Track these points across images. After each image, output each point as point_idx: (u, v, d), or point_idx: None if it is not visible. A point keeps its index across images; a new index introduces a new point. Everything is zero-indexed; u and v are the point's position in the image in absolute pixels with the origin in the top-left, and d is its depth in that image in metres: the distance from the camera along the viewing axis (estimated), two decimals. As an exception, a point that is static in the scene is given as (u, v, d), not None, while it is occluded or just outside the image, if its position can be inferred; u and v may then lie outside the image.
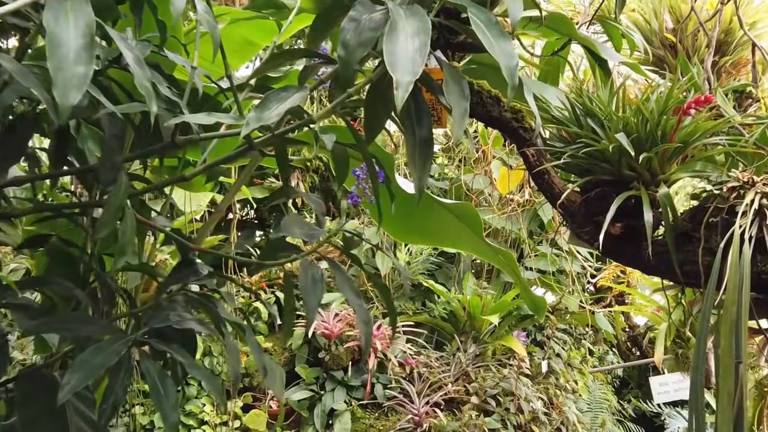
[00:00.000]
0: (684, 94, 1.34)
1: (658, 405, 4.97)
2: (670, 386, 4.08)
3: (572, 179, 1.38)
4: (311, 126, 1.21)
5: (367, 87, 1.12)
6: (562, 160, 1.28)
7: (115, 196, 0.96)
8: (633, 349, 5.73)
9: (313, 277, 1.19)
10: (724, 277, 1.08)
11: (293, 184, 4.67)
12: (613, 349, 5.69)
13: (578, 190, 1.35)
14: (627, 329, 5.53)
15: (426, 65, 1.34)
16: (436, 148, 5.83)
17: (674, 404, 4.93)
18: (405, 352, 3.82)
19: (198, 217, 4.34)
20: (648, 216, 1.20)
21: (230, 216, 3.95)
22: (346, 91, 1.12)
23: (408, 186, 1.83)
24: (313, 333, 3.70)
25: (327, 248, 4.26)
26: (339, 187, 1.31)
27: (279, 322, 3.98)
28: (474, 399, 3.54)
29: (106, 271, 1.27)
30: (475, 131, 4.14)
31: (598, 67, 1.77)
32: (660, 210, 1.26)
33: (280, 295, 4.00)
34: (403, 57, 0.89)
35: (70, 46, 0.70)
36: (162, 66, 1.27)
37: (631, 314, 5.70)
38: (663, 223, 1.24)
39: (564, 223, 1.37)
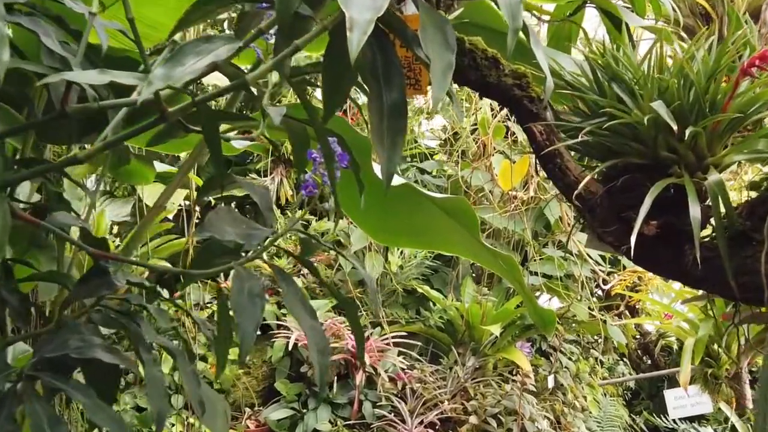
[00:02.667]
0: (736, 56, 1.06)
1: (674, 420, 4.74)
2: (687, 400, 3.91)
3: (592, 164, 1.10)
4: (255, 96, 0.96)
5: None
6: (579, 138, 1.00)
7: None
8: (644, 358, 5.51)
9: (250, 291, 0.92)
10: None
11: (276, 180, 4.41)
12: (624, 359, 5.47)
13: (599, 177, 1.07)
14: (638, 336, 5.32)
15: (400, 11, 1.05)
16: (433, 143, 5.58)
17: (691, 419, 4.70)
18: (397, 365, 3.59)
19: (171, 216, 4.08)
20: (694, 210, 0.93)
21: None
22: (292, 43, 0.85)
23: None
24: (295, 345, 3.47)
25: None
26: (299, 174, 1.05)
27: (258, 332, 3.72)
28: (473, 419, 3.31)
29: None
30: (474, 124, 3.91)
31: (618, 34, 1.50)
32: (708, 203, 0.98)
33: (260, 302, 3.73)
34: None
35: None
36: (66, 21, 1.01)
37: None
38: (712, 220, 0.97)
39: (581, 221, 1.10)
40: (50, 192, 1.23)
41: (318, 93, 4.53)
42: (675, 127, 0.92)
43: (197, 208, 5.20)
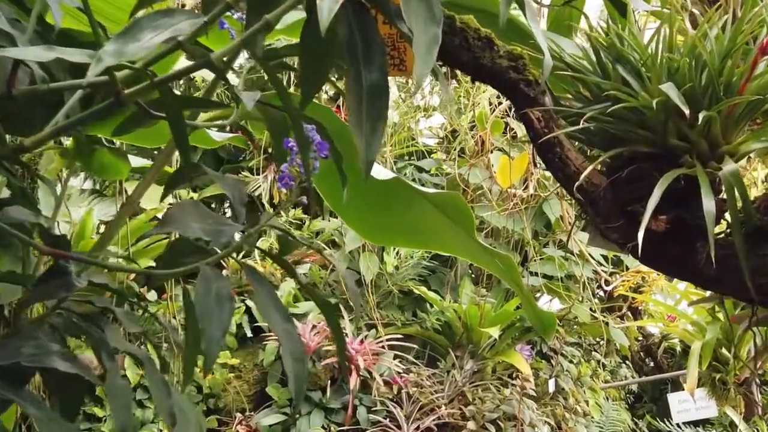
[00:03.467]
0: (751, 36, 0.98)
1: (678, 425, 4.67)
2: (691, 404, 3.85)
3: (595, 155, 1.02)
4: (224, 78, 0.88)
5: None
6: (580, 125, 0.92)
7: None
8: (647, 360, 5.44)
9: (218, 294, 0.84)
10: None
11: (270, 177, 4.32)
12: (627, 362, 5.40)
13: (603, 168, 0.99)
14: (640, 338, 5.26)
15: (383, -17, 0.97)
16: (432, 141, 5.49)
17: (695, 424, 4.63)
18: (392, 369, 3.49)
19: (161, 216, 3.99)
20: (708, 204, 0.85)
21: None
22: (262, 18, 0.78)
23: (379, 172, 1.48)
24: None
25: (306, 251, 3.90)
26: (278, 167, 0.97)
27: (250, 334, 3.65)
28: (471, 424, 3.23)
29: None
30: (473, 122, 3.83)
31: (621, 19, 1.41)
32: (723, 196, 0.90)
33: (251, 303, 3.65)
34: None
35: None
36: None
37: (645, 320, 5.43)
38: (728, 215, 0.89)
39: (582, 216, 1.02)
40: (14, 186, 1.15)
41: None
42: (687, 112, 0.83)
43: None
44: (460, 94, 4.35)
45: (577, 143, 1.03)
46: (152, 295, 3.51)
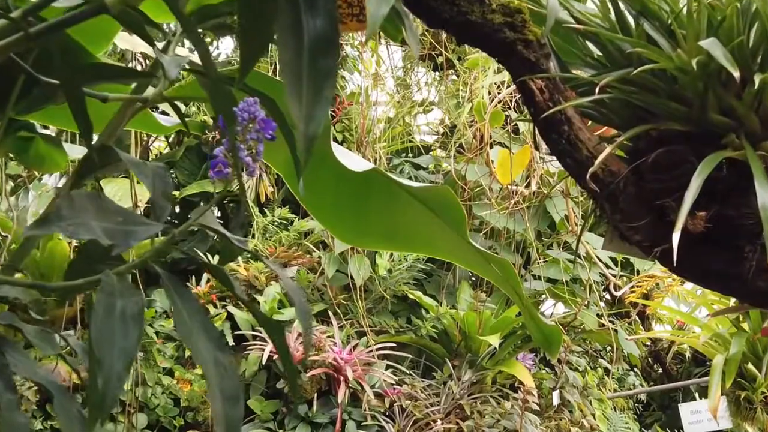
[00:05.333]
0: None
1: (689, 437, 4.52)
2: (703, 414, 3.75)
3: (612, 137, 0.83)
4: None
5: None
6: (594, 96, 0.73)
7: None
8: (655, 366, 5.39)
9: (123, 313, 0.66)
10: None
11: (255, 174, 4.14)
12: (635, 369, 5.28)
13: (624, 152, 0.80)
14: (648, 344, 5.13)
15: None
16: (431, 138, 5.32)
17: (707, 436, 4.49)
18: (384, 380, 3.38)
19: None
20: (762, 196, 0.66)
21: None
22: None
23: (354, 162, 1.28)
24: (270, 357, 3.22)
25: (293, 253, 3.73)
26: (233, 154, 0.79)
27: (232, 342, 3.47)
28: (468, 440, 3.07)
29: None
30: (473, 119, 3.67)
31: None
32: (779, 187, 0.71)
33: (234, 310, 3.48)
34: None
35: None
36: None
37: (653, 326, 5.29)
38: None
39: (597, 213, 0.82)
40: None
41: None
42: (736, 75, 0.64)
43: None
44: (457, 88, 4.20)
45: (590, 123, 0.83)
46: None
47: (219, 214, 5.45)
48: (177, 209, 5.24)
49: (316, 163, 1.34)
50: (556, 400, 3.39)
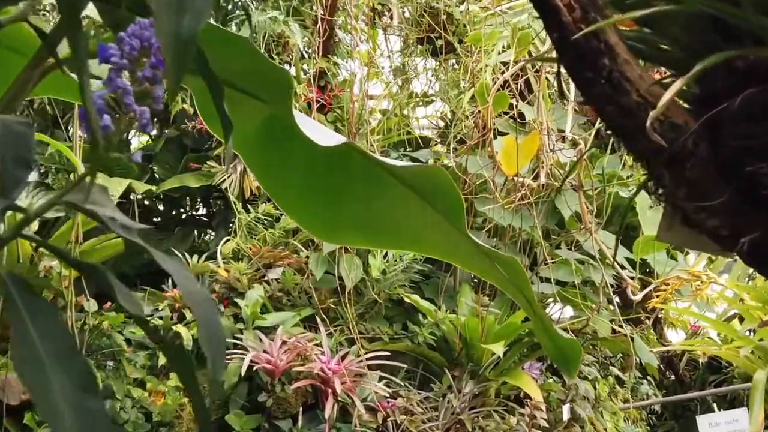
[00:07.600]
0: None
1: (707, 450, 4.39)
2: (723, 427, 3.65)
3: (669, 77, 0.59)
4: None
5: None
6: (648, 10, 0.49)
7: None
8: (667, 373, 5.29)
9: None
10: None
11: (239, 168, 3.96)
12: (647, 377, 5.19)
13: (691, 97, 0.56)
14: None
15: None
16: (430, 132, 5.17)
17: (728, 449, 4.35)
18: (377, 392, 3.25)
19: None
20: None
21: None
22: None
23: (323, 135, 1.04)
24: (251, 367, 3.06)
25: (279, 252, 3.51)
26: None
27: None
28: (470, 460, 2.92)
29: None
30: (475, 107, 3.52)
31: None
32: None
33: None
34: None
35: None
36: None
37: (665, 330, 5.18)
38: None
39: (652, 187, 0.58)
40: None
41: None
42: None
43: (146, 202, 4.69)
44: (459, 76, 4.04)
45: (642, 61, 0.59)
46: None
47: (204, 211, 5.28)
48: (160, 207, 5.08)
49: (275, 134, 1.11)
50: (566, 415, 3.26)
